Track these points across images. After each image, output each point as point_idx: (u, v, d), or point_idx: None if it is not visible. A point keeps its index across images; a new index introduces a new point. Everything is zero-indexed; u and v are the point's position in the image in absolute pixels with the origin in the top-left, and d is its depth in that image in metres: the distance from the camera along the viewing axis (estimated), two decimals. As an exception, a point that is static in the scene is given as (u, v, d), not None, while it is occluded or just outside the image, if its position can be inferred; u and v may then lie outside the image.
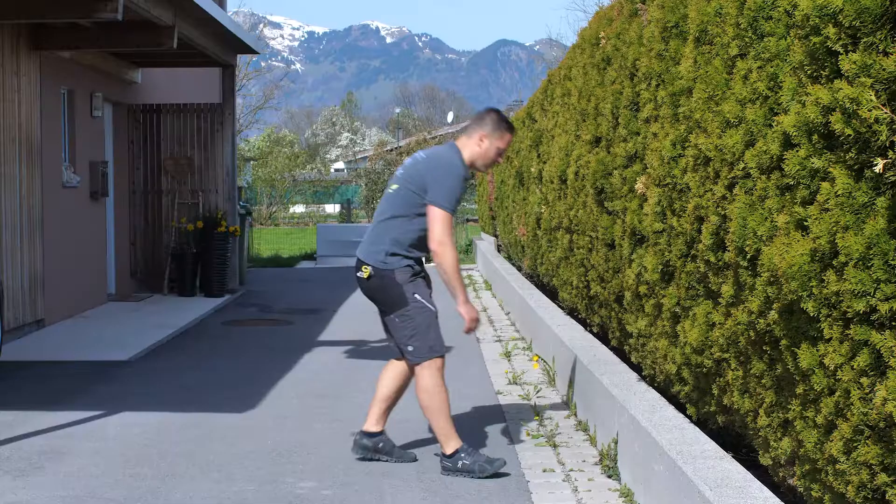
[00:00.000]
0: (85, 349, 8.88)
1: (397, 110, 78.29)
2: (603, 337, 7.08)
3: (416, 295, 4.99)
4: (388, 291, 5.01)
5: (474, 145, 5.12)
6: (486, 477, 4.89)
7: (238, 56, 13.74)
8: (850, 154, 2.72)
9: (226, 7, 16.30)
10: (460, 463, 4.95)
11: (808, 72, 2.97)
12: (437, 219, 4.93)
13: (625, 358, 6.16)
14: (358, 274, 5.10)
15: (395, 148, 39.41)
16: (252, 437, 5.75)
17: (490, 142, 5.11)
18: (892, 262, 2.59)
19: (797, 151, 3.02)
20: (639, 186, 5.21)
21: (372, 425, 5.22)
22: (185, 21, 10.40)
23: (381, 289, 5.03)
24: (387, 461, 5.17)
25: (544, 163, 9.33)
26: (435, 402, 4.99)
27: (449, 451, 4.98)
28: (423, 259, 5.16)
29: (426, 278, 5.13)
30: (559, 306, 8.72)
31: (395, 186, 5.13)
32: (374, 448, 5.19)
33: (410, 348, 5.01)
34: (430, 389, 5.00)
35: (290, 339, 9.56)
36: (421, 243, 5.04)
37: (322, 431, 5.90)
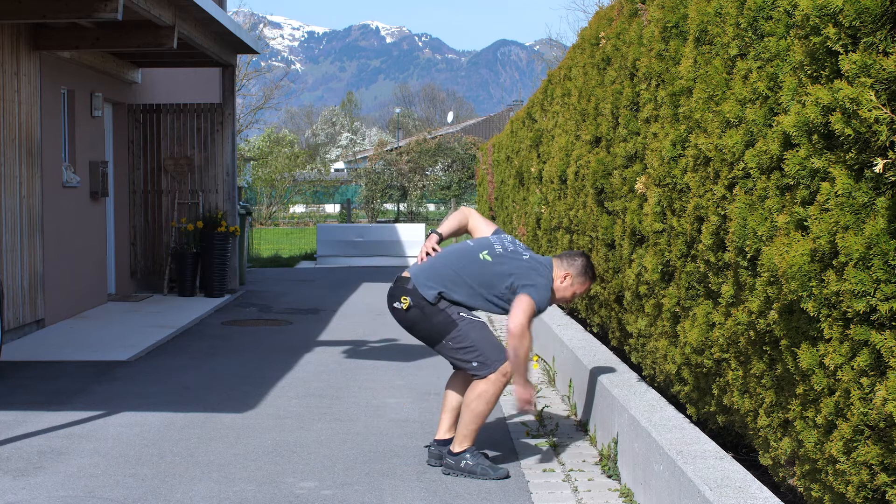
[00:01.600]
0: (85, 349, 8.88)
1: (397, 110, 78.31)
2: (603, 337, 7.08)
3: (461, 314, 4.94)
4: (432, 319, 4.93)
5: (558, 279, 5.11)
6: (504, 478, 4.89)
7: (238, 56, 13.74)
8: (850, 154, 2.72)
9: (226, 7, 16.30)
10: (463, 462, 4.95)
11: (808, 72, 2.97)
12: (525, 307, 4.86)
13: (625, 358, 6.16)
14: (395, 305, 5.00)
15: (395, 148, 39.42)
16: (252, 437, 5.75)
17: (571, 282, 5.13)
18: (892, 262, 2.59)
19: (797, 151, 3.02)
20: (639, 186, 5.21)
21: (444, 433, 5.17)
22: (185, 21, 10.40)
23: (424, 318, 4.94)
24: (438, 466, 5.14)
25: (544, 163, 9.33)
26: (484, 408, 4.94)
27: (456, 450, 4.97)
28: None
29: None
30: (559, 306, 8.71)
31: (486, 256, 5.03)
32: (439, 454, 5.16)
33: (475, 364, 4.93)
34: (489, 397, 4.93)
35: (290, 339, 9.56)
36: (471, 305, 5.02)
37: (322, 431, 5.90)
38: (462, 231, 5.39)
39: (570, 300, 5.22)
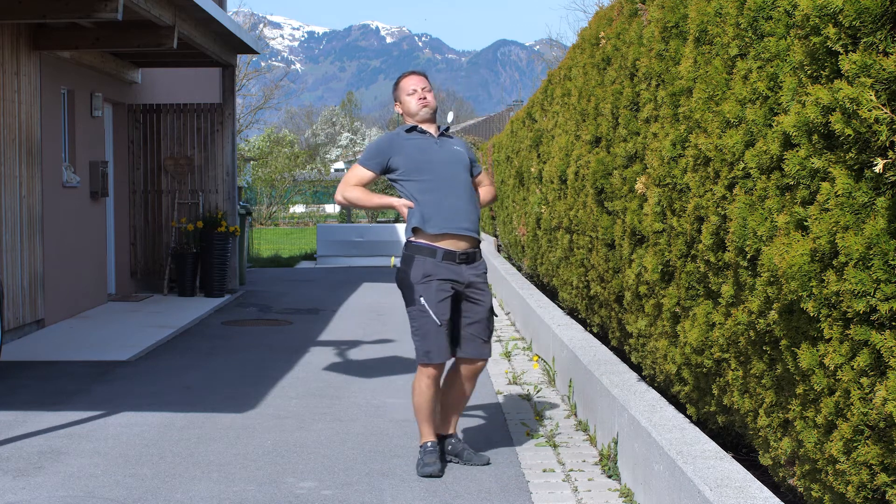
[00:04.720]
0: (85, 349, 8.88)
1: (397, 110, 78.21)
2: (603, 337, 7.08)
3: (421, 299, 5.03)
4: (403, 286, 5.14)
5: (401, 113, 5.48)
6: (424, 476, 4.97)
7: (238, 56, 13.74)
8: (850, 154, 2.72)
9: (226, 7, 16.30)
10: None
11: (808, 72, 2.97)
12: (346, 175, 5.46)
13: (625, 358, 6.16)
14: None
15: (395, 148, 39.34)
16: (252, 437, 5.75)
17: (401, 94, 5.42)
18: (892, 262, 2.59)
19: (797, 151, 3.02)
20: (639, 186, 5.21)
21: (437, 430, 5.25)
22: (185, 21, 10.40)
23: (400, 283, 5.16)
24: (456, 463, 5.19)
25: (544, 163, 9.33)
26: (415, 400, 5.14)
27: (420, 443, 5.16)
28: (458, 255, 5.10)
29: (451, 282, 5.07)
30: (559, 306, 8.72)
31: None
32: (442, 451, 5.23)
33: (415, 346, 5.13)
34: (414, 389, 5.14)
35: (290, 339, 9.56)
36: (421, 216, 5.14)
37: (322, 431, 5.90)
38: None
39: (421, 99, 5.35)
